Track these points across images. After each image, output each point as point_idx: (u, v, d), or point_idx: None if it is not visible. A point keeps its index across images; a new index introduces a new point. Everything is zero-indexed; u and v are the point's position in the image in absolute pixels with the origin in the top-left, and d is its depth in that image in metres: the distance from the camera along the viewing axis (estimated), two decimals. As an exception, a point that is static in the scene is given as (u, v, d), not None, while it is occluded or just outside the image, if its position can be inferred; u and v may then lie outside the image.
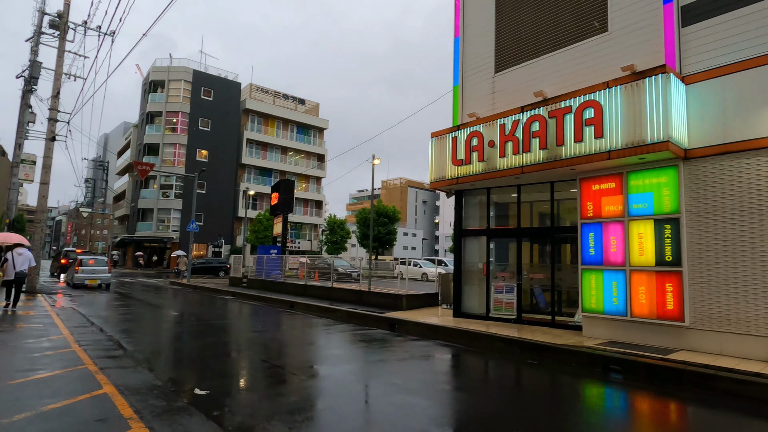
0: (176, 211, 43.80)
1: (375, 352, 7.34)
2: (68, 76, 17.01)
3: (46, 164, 14.38)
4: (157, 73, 44.95)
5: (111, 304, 13.35)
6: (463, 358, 7.18)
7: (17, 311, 10.39)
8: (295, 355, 6.91)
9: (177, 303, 14.64)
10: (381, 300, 13.12)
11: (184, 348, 6.97)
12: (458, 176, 10.11)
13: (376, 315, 10.59)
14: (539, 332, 8.56)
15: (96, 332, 7.91)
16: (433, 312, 11.81)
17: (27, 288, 14.97)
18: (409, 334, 8.88)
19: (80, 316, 10.09)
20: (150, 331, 8.96)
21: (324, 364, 6.28)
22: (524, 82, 10.03)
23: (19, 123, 16.35)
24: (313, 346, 7.69)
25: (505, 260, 11.03)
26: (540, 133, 8.50)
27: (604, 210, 8.26)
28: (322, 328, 9.52)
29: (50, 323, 8.57)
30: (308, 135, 54.73)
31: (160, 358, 6.29)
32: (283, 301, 14.27)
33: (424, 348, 7.67)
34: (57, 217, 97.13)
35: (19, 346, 6.31)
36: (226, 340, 7.94)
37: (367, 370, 6.03)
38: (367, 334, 8.82)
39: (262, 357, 6.56)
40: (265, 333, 8.91)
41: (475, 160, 9.71)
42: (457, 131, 10.27)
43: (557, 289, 9.95)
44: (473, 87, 11.19)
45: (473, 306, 10.83)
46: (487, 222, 10.74)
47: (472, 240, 11.10)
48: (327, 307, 12.32)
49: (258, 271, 20.08)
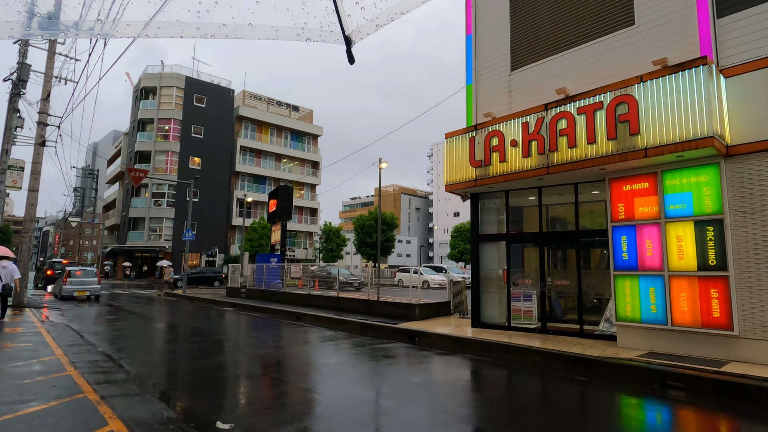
0: (168, 219, 42.79)
1: (409, 372, 6.58)
2: (59, 79, 16.29)
3: (35, 170, 13.62)
4: (148, 80, 44.14)
5: (104, 319, 12.57)
6: (509, 376, 6.56)
7: (4, 329, 9.61)
8: (321, 376, 6.18)
9: (175, 316, 13.89)
10: (392, 310, 12.52)
11: (193, 369, 6.27)
12: (476, 178, 9.60)
13: (392, 327, 9.98)
14: (569, 343, 8.03)
15: (92, 351, 7.21)
16: (448, 322, 11.23)
17: (14, 302, 14.12)
18: (434, 348, 8.26)
19: (73, 332, 9.35)
20: (151, 349, 8.24)
21: (358, 385, 5.64)
22: (543, 80, 9.59)
23: (7, 127, 15.56)
24: (337, 364, 6.94)
25: (524, 266, 10.51)
26: (568, 131, 8.03)
27: (638, 212, 7.79)
28: (340, 344, 8.85)
29: (40, 341, 7.84)
30: (302, 142, 54.11)
31: (168, 383, 5.59)
32: (288, 313, 13.59)
33: (459, 365, 7.06)
34: (44, 227, 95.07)
35: (6, 371, 5.57)
36: (238, 358, 7.26)
37: (421, 400, 5.05)
38: (389, 349, 8.18)
39: (283, 378, 5.90)
40: (279, 349, 8.22)
41: (496, 161, 9.21)
42: (475, 131, 9.78)
43: (575, 296, 9.45)
44: (488, 86, 10.72)
45: (493, 315, 10.27)
46: (506, 226, 10.22)
47: (490, 246, 10.57)
48: (338, 319, 11.68)
49: (257, 280, 19.36)
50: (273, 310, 14.40)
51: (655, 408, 4.97)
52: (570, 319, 9.85)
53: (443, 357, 7.54)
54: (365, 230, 40.25)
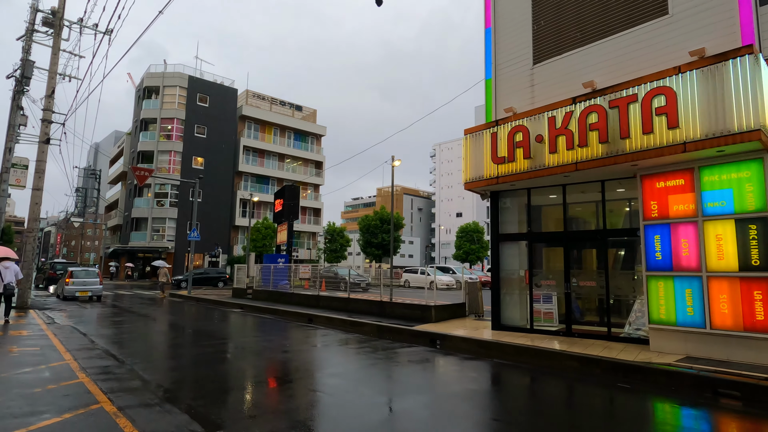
0: (171, 220, 42.46)
1: (444, 380, 6.14)
2: (63, 76, 15.98)
3: (39, 169, 13.29)
4: (151, 79, 43.84)
5: (112, 321, 12.23)
6: (553, 384, 6.15)
7: (9, 331, 9.28)
8: (350, 383, 5.73)
9: (183, 318, 13.55)
10: (406, 311, 12.17)
11: (213, 376, 5.88)
12: (499, 175, 9.25)
13: (411, 329, 9.64)
14: (599, 347, 7.68)
15: (103, 356, 6.86)
16: (465, 324, 10.88)
17: (18, 303, 13.81)
18: (458, 352, 7.89)
19: (80, 335, 9.01)
20: (164, 353, 7.87)
21: (395, 396, 5.23)
22: (568, 73, 9.25)
23: (10, 125, 15.25)
24: (364, 371, 6.52)
25: (547, 267, 10.16)
26: (599, 125, 7.68)
27: (672, 210, 7.44)
28: (360, 347, 8.46)
29: (48, 345, 7.49)
30: (306, 142, 53.79)
31: (188, 391, 5.16)
32: (298, 314, 13.24)
33: (492, 372, 6.65)
34: (46, 228, 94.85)
35: (15, 379, 5.21)
36: (257, 364, 6.87)
37: (470, 412, 4.67)
38: (412, 353, 7.77)
39: (311, 387, 5.48)
40: (300, 354, 7.80)
41: (520, 157, 8.86)
42: (497, 126, 9.43)
43: (600, 297, 9.11)
44: (508, 80, 10.38)
45: (514, 317, 9.92)
46: (527, 225, 9.87)
47: (511, 245, 10.22)
48: (352, 321, 11.33)
49: (264, 281, 19.02)
50: (283, 312, 14.06)
51: (719, 421, 4.59)
52: (591, 321, 9.51)
53: (472, 362, 7.17)
54: (371, 230, 39.86)
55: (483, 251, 44.59)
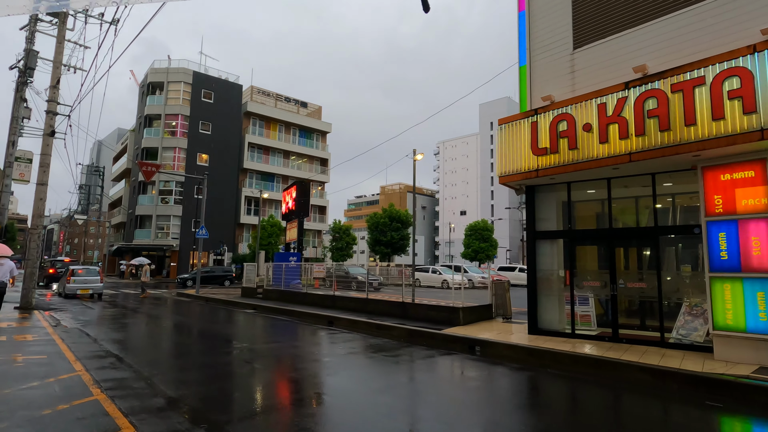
0: (176, 217, 41.88)
1: (517, 401, 5.28)
2: (68, 67, 15.33)
3: (43, 162, 12.66)
4: (155, 75, 43.20)
5: (121, 323, 11.60)
6: (639, 404, 5.13)
7: (13, 336, 8.65)
8: (404, 402, 5.02)
9: (197, 320, 12.92)
10: (431, 313, 11.50)
11: (245, 391, 5.04)
12: (539, 167, 8.58)
13: (445, 334, 8.98)
14: (656, 354, 7.02)
15: (117, 365, 6.21)
16: (496, 327, 10.22)
17: (22, 304, 13.19)
18: (504, 360, 7.15)
19: (89, 340, 8.37)
20: (186, 363, 7.00)
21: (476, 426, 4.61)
22: (615, 57, 8.55)
23: (13, 118, 14.62)
24: (412, 385, 5.75)
25: (589, 267, 9.50)
26: (659, 111, 6.99)
27: (740, 205, 6.75)
28: (397, 356, 7.64)
29: (56, 353, 6.85)
30: (311, 138, 53.12)
31: (222, 412, 4.32)
32: (316, 316, 12.59)
33: (560, 387, 5.86)
34: (49, 225, 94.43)
35: (20, 397, 4.50)
36: (293, 376, 6.06)
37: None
38: (458, 364, 7.02)
39: (361, 408, 4.79)
40: (333, 364, 6.91)
41: (564, 148, 8.18)
42: (536, 115, 8.75)
43: (649, 299, 8.45)
44: (545, 66, 9.69)
45: (552, 320, 9.26)
46: (568, 222, 9.20)
47: (549, 244, 9.55)
48: (378, 324, 10.67)
49: (275, 280, 18.37)
50: (299, 313, 13.41)
51: None
52: (631, 324, 8.86)
53: (527, 374, 6.43)
54: (379, 228, 39.16)
55: (492, 250, 43.89)
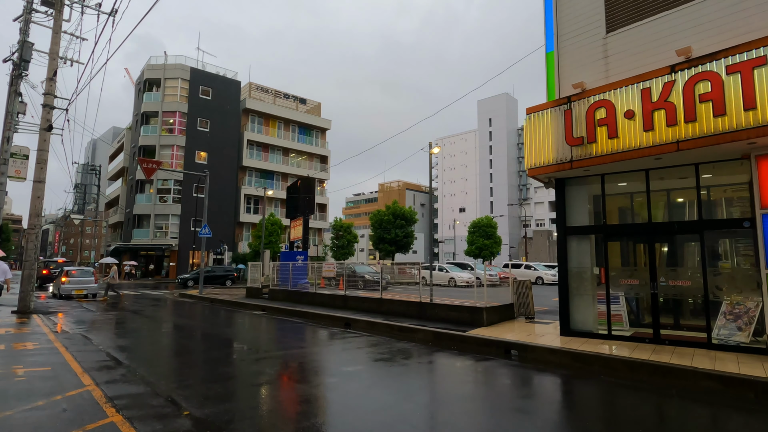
0: (174, 216, 41.14)
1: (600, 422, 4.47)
2: (64, 60, 14.66)
3: (40, 159, 12.02)
4: (152, 71, 42.37)
5: (125, 327, 11.01)
6: (731, 420, 4.55)
7: (12, 344, 8.06)
8: (474, 420, 4.43)
9: (205, 323, 12.33)
10: (451, 314, 10.98)
11: (274, 407, 4.56)
12: (574, 158, 8.05)
13: (476, 337, 8.46)
14: (707, 357, 6.53)
15: (128, 378, 5.62)
16: (521, 327, 9.73)
17: (20, 308, 12.57)
18: (551, 367, 6.57)
19: (94, 347, 7.78)
20: (207, 375, 6.10)
21: None
22: (653, 41, 8.03)
23: (7, 113, 13.96)
24: (471, 403, 4.99)
25: (625, 263, 9.00)
26: (713, 95, 6.47)
27: (801, 195, 6.25)
28: (430, 361, 7.06)
29: (60, 363, 6.26)
30: (310, 136, 52.44)
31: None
32: (331, 318, 12.03)
33: (632, 400, 5.07)
34: (44, 225, 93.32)
35: (24, 421, 3.87)
36: (334, 388, 5.45)
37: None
38: (501, 371, 6.46)
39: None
40: (366, 373, 6.38)
41: (603, 137, 7.65)
42: (569, 103, 8.22)
43: (692, 298, 7.97)
44: (575, 52, 9.16)
45: (586, 321, 8.75)
46: (603, 216, 8.67)
47: (581, 240, 9.03)
48: (401, 327, 10.12)
49: (282, 280, 17.79)
50: (312, 315, 12.85)
51: None
52: (665, 323, 8.35)
53: (589, 384, 5.74)
54: (383, 226, 38.55)
55: (496, 247, 43.41)
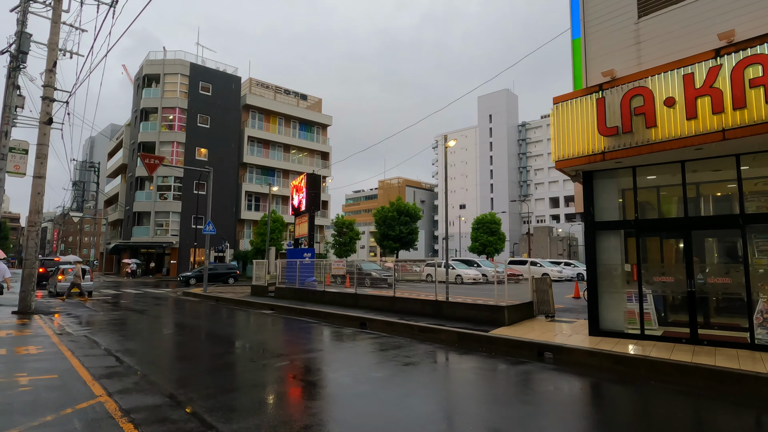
0: (175, 214, 40.65)
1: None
2: (64, 52, 14.15)
3: (40, 153, 11.54)
4: (151, 67, 41.76)
5: (133, 329, 10.57)
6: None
7: (15, 348, 7.62)
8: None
9: (213, 323, 11.91)
10: (470, 313, 10.58)
11: (314, 415, 4.15)
12: (607, 149, 7.63)
13: (505, 338, 8.06)
14: (749, 359, 6.13)
15: (143, 387, 5.15)
16: (544, 326, 9.34)
17: (20, 308, 12.13)
18: (592, 371, 6.14)
19: (101, 351, 7.33)
20: (227, 384, 5.53)
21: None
22: (691, 24, 7.60)
23: (5, 106, 13.47)
24: (532, 417, 4.40)
25: (658, 260, 8.59)
26: (766, 80, 6.05)
27: None
28: (462, 363, 6.69)
29: (67, 370, 5.82)
30: (311, 132, 51.91)
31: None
32: (345, 318, 11.62)
33: (701, 412, 4.68)
34: (42, 223, 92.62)
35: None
36: (370, 396, 4.98)
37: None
38: (542, 376, 5.97)
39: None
40: (394, 373, 6.07)
41: (640, 127, 7.23)
42: (601, 91, 7.79)
43: (732, 296, 7.56)
44: (604, 39, 8.72)
45: (616, 320, 8.35)
46: (634, 211, 8.26)
47: (611, 235, 8.61)
48: (421, 327, 9.70)
49: (289, 278, 17.36)
50: (324, 314, 12.43)
51: None
52: (680, 321, 7.95)
53: (644, 391, 5.20)
54: (387, 222, 38.11)
55: (500, 243, 43.06)
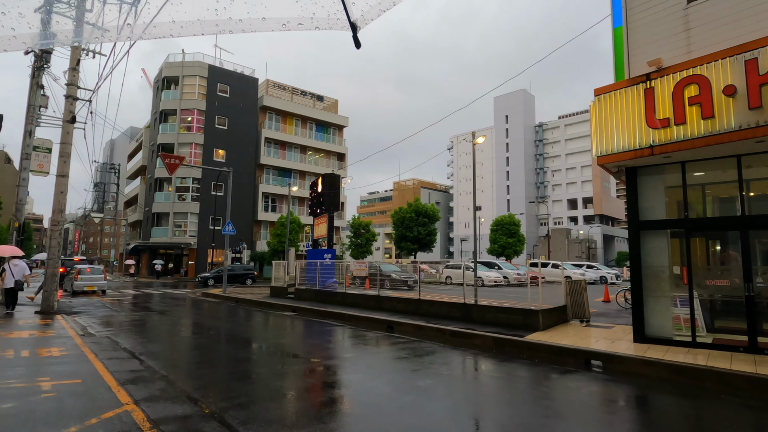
0: (193, 215, 40.89)
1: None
2: (86, 51, 14.13)
3: (63, 152, 11.46)
4: (170, 69, 42.15)
5: (156, 330, 10.37)
6: None
7: (37, 350, 7.44)
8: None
9: (236, 325, 11.66)
10: (501, 316, 10.13)
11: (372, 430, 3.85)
12: (656, 143, 7.12)
13: (548, 345, 7.58)
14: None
15: (172, 393, 4.77)
16: (581, 332, 8.85)
17: (43, 308, 12.08)
18: (649, 381, 5.63)
19: (126, 353, 7.07)
20: (259, 391, 5.07)
21: None
22: (746, 9, 7.07)
23: (29, 106, 13.48)
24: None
25: (705, 262, 8.03)
26: (844, 63, 5.50)
27: None
28: (507, 372, 6.23)
29: (91, 374, 5.55)
30: (327, 133, 51.82)
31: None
32: (371, 320, 11.23)
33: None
34: (64, 224, 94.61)
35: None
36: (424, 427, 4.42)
37: None
38: (590, 385, 5.53)
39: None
40: (436, 382, 5.62)
41: (695, 118, 6.72)
42: (648, 81, 7.29)
43: None
44: (649, 26, 8.21)
45: (663, 326, 7.81)
46: (684, 209, 7.72)
47: (656, 236, 8.07)
48: (453, 331, 9.27)
49: (309, 279, 17.08)
50: (348, 317, 12.08)
51: None
52: (733, 327, 7.38)
53: (722, 408, 4.78)
54: (405, 224, 37.65)
55: (520, 245, 42.22)
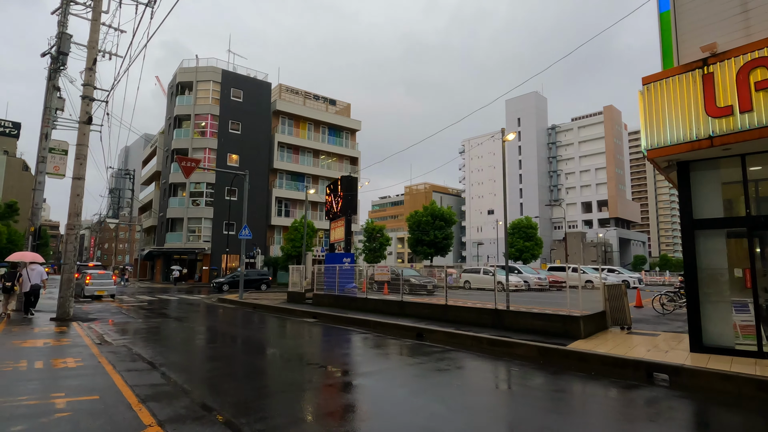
0: (207, 220, 40.82)
1: None
2: (102, 53, 13.90)
3: (80, 154, 11.19)
4: (184, 75, 42.31)
5: (174, 339, 9.96)
6: None
7: (51, 360, 7.04)
8: None
9: (257, 333, 11.21)
10: (536, 323, 9.51)
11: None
12: (715, 134, 6.50)
13: (602, 355, 6.97)
14: None
15: (199, 413, 4.22)
16: (625, 340, 8.21)
17: (59, 314, 11.78)
18: (733, 398, 5.06)
19: (145, 365, 6.63)
20: (292, 407, 4.69)
21: None
22: (817, -14, 6.43)
23: (45, 108, 13.26)
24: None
25: None
26: None
27: None
28: (565, 386, 5.61)
29: (109, 388, 5.10)
30: (340, 137, 51.57)
31: None
32: (398, 327, 10.69)
33: None
34: (80, 231, 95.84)
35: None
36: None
37: None
38: (671, 403, 4.92)
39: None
40: (490, 399, 5.06)
41: (762, 104, 6.09)
42: (705, 66, 6.68)
43: None
44: (700, 9, 7.60)
45: (722, 334, 7.14)
46: (745, 206, 7.07)
47: (713, 236, 7.42)
48: (490, 339, 8.69)
49: (328, 284, 16.61)
50: (373, 324, 11.54)
51: None
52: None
53: None
54: (421, 227, 37.08)
55: (537, 249, 41.36)
